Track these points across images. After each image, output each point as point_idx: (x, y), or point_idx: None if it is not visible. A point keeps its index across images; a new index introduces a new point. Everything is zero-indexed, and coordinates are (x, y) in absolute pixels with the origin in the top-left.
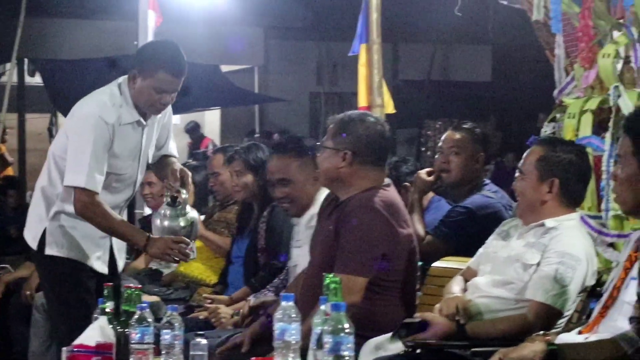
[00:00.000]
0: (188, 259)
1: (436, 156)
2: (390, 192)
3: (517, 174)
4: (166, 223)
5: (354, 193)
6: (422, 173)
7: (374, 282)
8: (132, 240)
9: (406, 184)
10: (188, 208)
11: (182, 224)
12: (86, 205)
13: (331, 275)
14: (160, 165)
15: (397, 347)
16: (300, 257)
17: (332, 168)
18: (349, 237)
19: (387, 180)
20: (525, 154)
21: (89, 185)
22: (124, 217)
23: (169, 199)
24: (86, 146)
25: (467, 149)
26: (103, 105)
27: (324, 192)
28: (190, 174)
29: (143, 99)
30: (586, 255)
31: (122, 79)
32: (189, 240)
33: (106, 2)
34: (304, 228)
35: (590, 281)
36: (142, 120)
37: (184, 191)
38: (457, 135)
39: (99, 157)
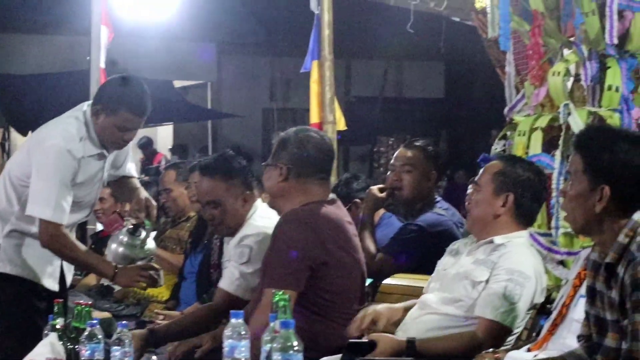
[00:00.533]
0: (157, 286)
1: (388, 173)
2: (331, 207)
3: (471, 187)
4: (122, 250)
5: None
6: (375, 189)
7: (311, 302)
8: (99, 270)
9: (357, 200)
10: (148, 240)
11: (140, 255)
12: (53, 238)
13: (280, 293)
14: (122, 187)
15: None
16: (225, 276)
17: (273, 184)
18: (274, 251)
19: (331, 196)
20: (482, 169)
21: (55, 217)
22: (73, 233)
23: (130, 226)
24: (53, 178)
25: (419, 167)
26: (71, 138)
27: (256, 213)
28: (155, 204)
29: (106, 136)
30: (535, 272)
31: (87, 107)
32: (157, 267)
33: (59, 17)
34: (233, 247)
35: (539, 298)
36: (105, 152)
37: (148, 222)
38: (410, 153)
39: (66, 189)
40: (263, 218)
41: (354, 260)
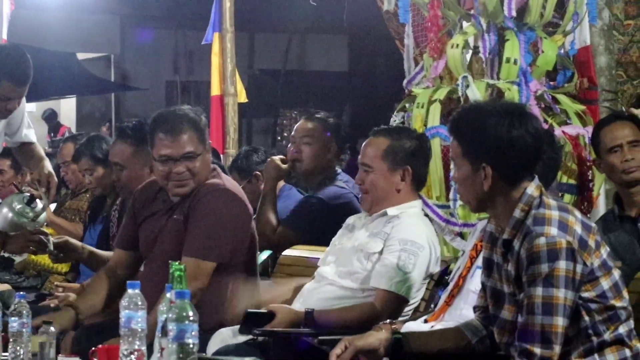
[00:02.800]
0: (47, 251)
1: (289, 145)
2: (233, 183)
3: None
4: (11, 216)
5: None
6: (276, 159)
7: (236, 268)
8: None
9: (257, 172)
10: (42, 216)
11: (29, 227)
12: None
13: (176, 264)
14: (25, 155)
15: (247, 336)
16: None
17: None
18: (200, 222)
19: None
20: (364, 147)
21: None
22: None
23: (27, 195)
24: None
25: (319, 139)
26: None
27: None
28: (56, 181)
29: None
30: (428, 241)
31: None
32: (47, 232)
33: None
34: None
35: (434, 268)
36: None
37: (45, 198)
38: (309, 125)
39: None
40: None
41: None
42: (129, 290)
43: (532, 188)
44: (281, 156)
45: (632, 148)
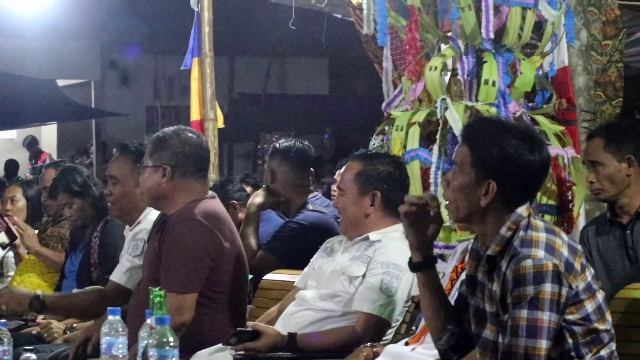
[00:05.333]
0: None
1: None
2: (213, 203)
3: (335, 190)
4: None
5: (178, 208)
6: (264, 190)
7: (201, 295)
8: None
9: (233, 202)
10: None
11: None
12: None
13: (157, 289)
14: None
15: (226, 357)
16: (117, 268)
17: (154, 185)
18: (172, 253)
19: (211, 193)
20: (342, 170)
21: None
22: None
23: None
24: None
25: (281, 169)
26: None
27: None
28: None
29: None
30: None
31: None
32: None
33: None
34: (128, 241)
35: (416, 291)
36: None
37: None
38: (272, 156)
39: None
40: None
41: (238, 251)
42: (110, 317)
43: (522, 208)
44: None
45: (592, 168)
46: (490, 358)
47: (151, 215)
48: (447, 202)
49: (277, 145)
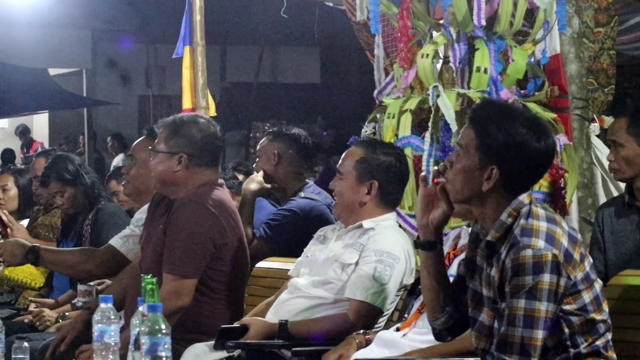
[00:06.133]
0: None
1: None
2: (222, 191)
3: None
4: None
5: (185, 192)
6: (259, 176)
7: (201, 282)
8: None
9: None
10: None
11: None
12: None
13: (149, 277)
14: None
15: (222, 353)
16: (118, 234)
17: (167, 172)
18: (176, 235)
19: (220, 181)
20: (344, 155)
21: None
22: None
23: None
24: None
25: (273, 154)
26: None
27: None
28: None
29: None
30: (404, 253)
31: None
32: None
33: None
34: (139, 212)
35: (409, 279)
36: None
37: None
38: (265, 141)
39: None
40: None
41: (241, 243)
42: (102, 305)
43: (523, 195)
44: (261, 174)
45: (613, 147)
46: (486, 342)
47: None
48: (446, 184)
49: (285, 130)
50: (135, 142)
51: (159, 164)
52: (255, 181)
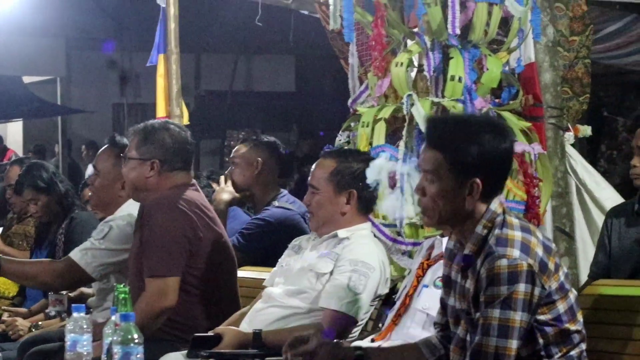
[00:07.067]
0: None
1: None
2: (193, 192)
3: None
4: None
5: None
6: (229, 187)
7: (187, 282)
8: None
9: None
10: None
11: None
12: None
13: (121, 286)
14: None
15: None
16: (78, 246)
17: (139, 178)
18: (151, 238)
19: (192, 181)
20: (314, 168)
21: None
22: None
23: None
24: None
25: (249, 162)
26: None
27: (133, 203)
28: None
29: None
30: (379, 263)
31: None
32: None
33: None
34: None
35: (383, 289)
36: None
37: None
38: (240, 149)
39: None
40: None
41: (221, 237)
42: (74, 314)
43: (495, 204)
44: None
45: (637, 152)
46: (460, 355)
47: (126, 205)
48: (424, 210)
49: (264, 138)
50: (98, 153)
51: (132, 170)
52: (226, 191)
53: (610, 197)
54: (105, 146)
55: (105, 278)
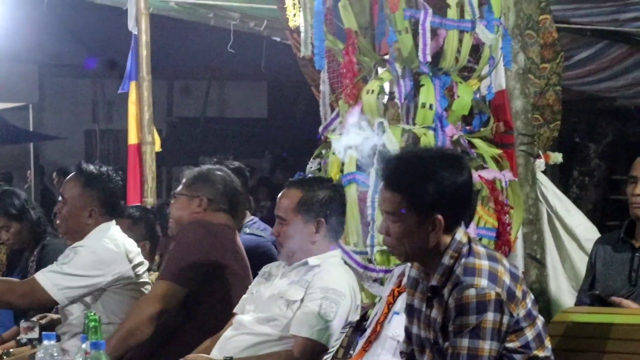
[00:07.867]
0: None
1: None
2: (229, 230)
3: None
4: None
5: None
6: None
7: (197, 301)
8: None
9: None
10: None
11: None
12: None
13: (92, 314)
14: None
15: None
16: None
17: (186, 214)
18: (173, 248)
19: (234, 226)
20: (280, 199)
21: None
22: None
23: None
24: None
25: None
26: None
27: (101, 234)
28: None
29: None
30: (350, 290)
31: None
32: None
33: None
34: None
35: (354, 316)
36: None
37: None
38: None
39: None
40: (106, 240)
41: (244, 269)
42: (45, 342)
43: (460, 234)
44: None
45: (633, 181)
46: None
47: (94, 234)
48: (391, 249)
49: (231, 164)
50: (64, 181)
51: (180, 207)
52: None
53: (581, 224)
54: (72, 174)
55: (74, 303)
